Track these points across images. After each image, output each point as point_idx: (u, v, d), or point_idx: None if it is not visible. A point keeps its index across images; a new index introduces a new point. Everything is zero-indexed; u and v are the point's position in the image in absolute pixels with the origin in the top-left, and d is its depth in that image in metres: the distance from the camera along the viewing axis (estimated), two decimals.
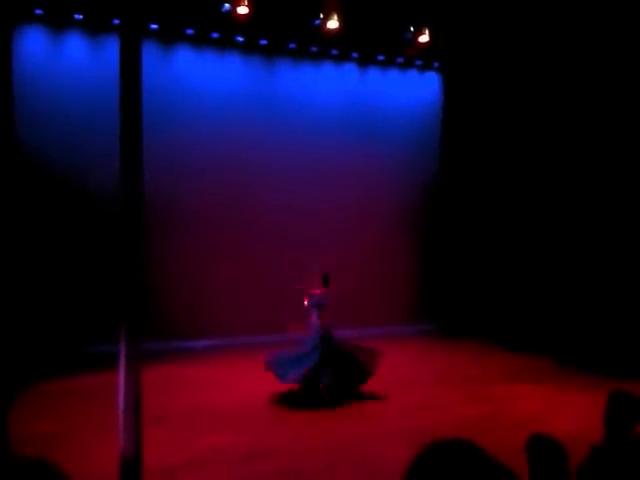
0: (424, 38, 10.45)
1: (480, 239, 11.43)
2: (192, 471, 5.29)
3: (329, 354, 7.20)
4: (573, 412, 6.78)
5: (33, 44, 9.31)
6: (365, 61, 11.40)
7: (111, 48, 8.52)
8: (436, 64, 11.81)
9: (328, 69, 11.23)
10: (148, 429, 4.65)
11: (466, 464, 2.10)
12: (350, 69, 11.38)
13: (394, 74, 11.67)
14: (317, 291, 7.54)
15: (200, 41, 10.26)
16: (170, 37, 10.07)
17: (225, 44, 10.43)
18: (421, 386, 7.95)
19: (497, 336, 10.38)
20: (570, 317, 9.80)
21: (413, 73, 11.83)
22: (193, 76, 10.25)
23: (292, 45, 10.80)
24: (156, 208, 9.17)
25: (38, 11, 9.17)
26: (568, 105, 9.95)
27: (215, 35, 10.27)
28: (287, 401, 7.09)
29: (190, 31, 10.10)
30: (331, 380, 7.08)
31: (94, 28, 9.56)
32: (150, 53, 9.02)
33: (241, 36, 10.39)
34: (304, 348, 7.33)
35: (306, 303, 7.54)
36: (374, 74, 11.54)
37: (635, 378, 7.03)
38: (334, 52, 11.12)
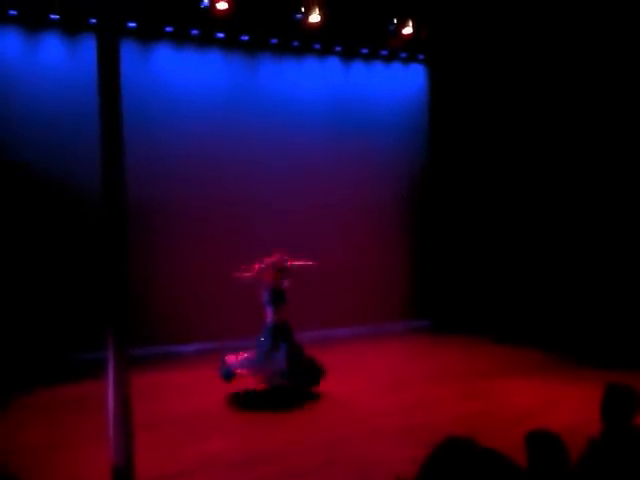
0: (408, 30, 10.35)
1: (469, 232, 11.37)
2: (185, 479, 5.20)
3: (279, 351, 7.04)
4: (568, 405, 6.75)
5: (8, 46, 9.09)
6: (349, 54, 11.26)
7: (89, 48, 8.30)
8: (421, 56, 11.71)
9: (311, 63, 11.08)
10: (139, 437, 4.55)
11: (481, 460, 2.05)
12: (333, 63, 11.25)
13: (378, 67, 11.55)
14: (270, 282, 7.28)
15: (180, 38, 10.08)
16: (149, 35, 9.88)
17: (205, 41, 10.26)
18: (414, 383, 7.88)
19: (489, 330, 10.33)
20: (561, 309, 9.79)
21: (398, 66, 11.71)
22: (174, 74, 10.08)
23: (274, 40, 10.65)
24: (139, 210, 8.98)
25: (12, 12, 8.96)
26: (555, 93, 9.91)
27: (195, 32, 10.11)
28: (277, 403, 6.98)
29: (169, 28, 9.92)
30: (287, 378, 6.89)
31: (71, 28, 9.33)
32: (129, 52, 8.82)
33: (221, 32, 10.24)
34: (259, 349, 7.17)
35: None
36: (358, 67, 11.42)
37: (627, 369, 7.02)
38: (317, 46, 10.97)
